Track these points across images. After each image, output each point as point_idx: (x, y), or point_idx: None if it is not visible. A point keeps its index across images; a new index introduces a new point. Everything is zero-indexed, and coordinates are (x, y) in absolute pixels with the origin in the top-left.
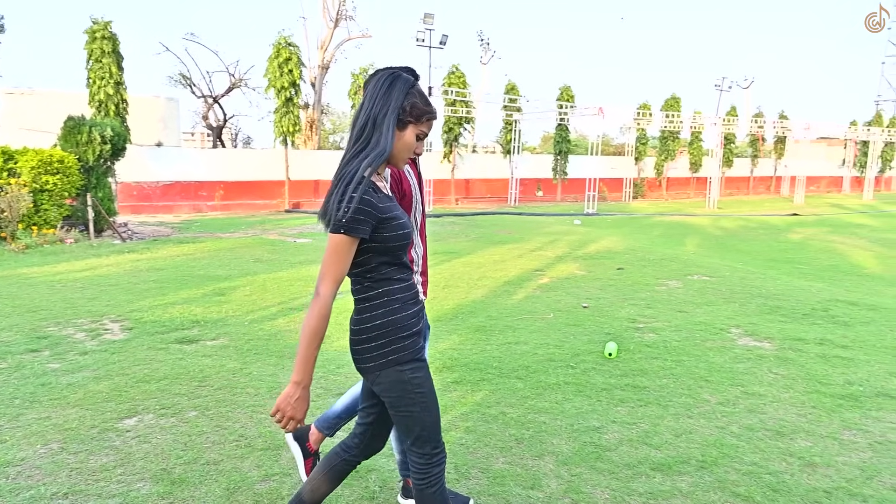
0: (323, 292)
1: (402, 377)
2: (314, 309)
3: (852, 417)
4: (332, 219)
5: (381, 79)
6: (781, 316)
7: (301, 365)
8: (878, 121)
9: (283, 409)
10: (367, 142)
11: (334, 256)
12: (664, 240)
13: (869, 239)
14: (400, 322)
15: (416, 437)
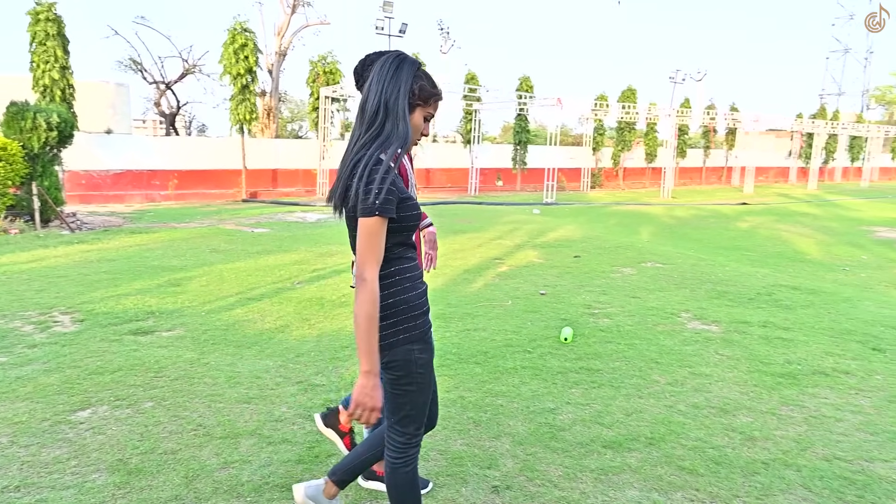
0: (369, 277)
1: (411, 356)
2: (365, 295)
3: (790, 394)
4: (363, 203)
5: (387, 62)
6: (729, 300)
7: (367, 354)
8: (822, 114)
9: (363, 403)
10: (381, 126)
11: (372, 239)
12: (620, 228)
13: (812, 227)
14: (411, 301)
15: (405, 416)
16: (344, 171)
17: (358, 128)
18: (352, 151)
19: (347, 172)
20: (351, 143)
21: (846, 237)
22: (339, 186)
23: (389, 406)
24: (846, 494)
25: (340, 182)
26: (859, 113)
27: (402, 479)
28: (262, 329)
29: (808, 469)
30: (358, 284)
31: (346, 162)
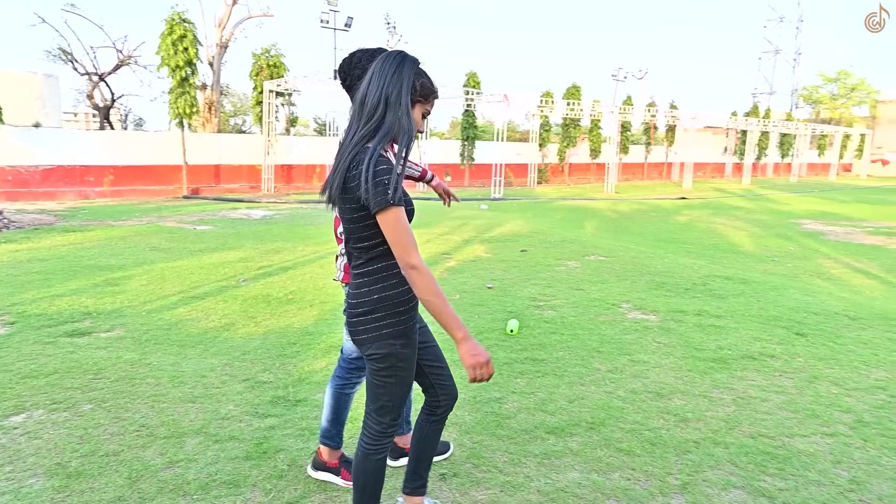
0: (419, 263)
1: (393, 350)
2: (426, 278)
3: (721, 378)
4: (381, 198)
5: (389, 59)
6: (666, 291)
7: (454, 323)
8: (755, 112)
9: (477, 363)
10: (380, 120)
11: (403, 227)
12: (565, 223)
13: (745, 220)
14: (397, 297)
15: (382, 406)
16: (342, 162)
17: (356, 121)
18: (350, 143)
19: (346, 164)
20: (348, 136)
21: (776, 230)
22: (336, 177)
23: (369, 395)
24: (768, 468)
25: (338, 173)
26: (789, 111)
27: (372, 467)
28: (206, 328)
29: (735, 446)
30: (409, 273)
31: (345, 153)
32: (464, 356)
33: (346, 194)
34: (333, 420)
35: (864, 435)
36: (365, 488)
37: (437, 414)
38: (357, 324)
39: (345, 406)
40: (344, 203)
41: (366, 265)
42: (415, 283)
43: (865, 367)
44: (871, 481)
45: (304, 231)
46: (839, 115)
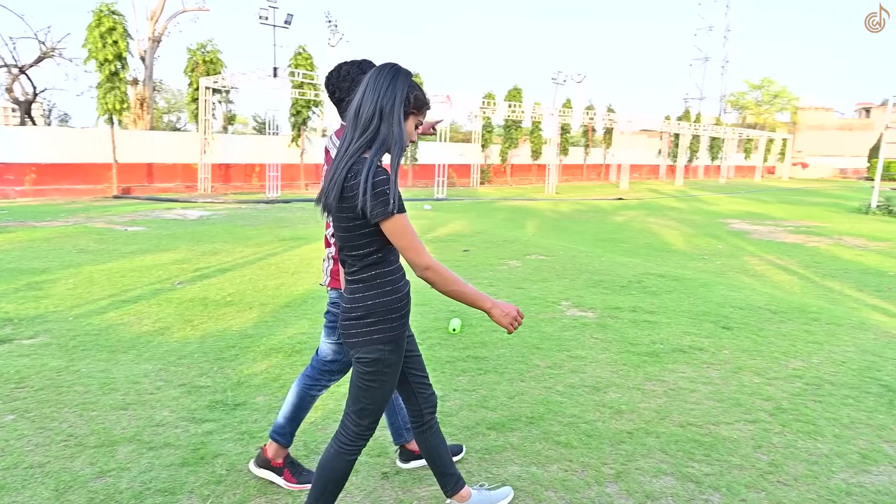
0: (432, 263)
1: (381, 356)
2: (442, 276)
3: (653, 371)
4: (382, 208)
5: (383, 71)
6: (604, 288)
7: (479, 298)
8: (687, 116)
9: (510, 322)
10: (375, 131)
11: (410, 233)
12: (507, 223)
13: (678, 220)
14: (389, 304)
15: (362, 409)
16: (338, 172)
17: (351, 132)
18: (346, 154)
19: (343, 174)
20: (343, 147)
21: (706, 229)
22: (334, 187)
23: (351, 396)
24: (696, 455)
25: (335, 183)
26: (718, 116)
27: (342, 466)
28: (139, 332)
29: (665, 435)
30: (426, 274)
31: (341, 164)
32: (499, 319)
33: (343, 203)
34: (291, 418)
35: (782, 421)
36: (328, 485)
37: (425, 421)
38: (350, 327)
39: (306, 407)
40: (341, 212)
41: (360, 272)
42: (435, 282)
43: (784, 357)
44: (788, 463)
45: (243, 232)
46: (763, 121)
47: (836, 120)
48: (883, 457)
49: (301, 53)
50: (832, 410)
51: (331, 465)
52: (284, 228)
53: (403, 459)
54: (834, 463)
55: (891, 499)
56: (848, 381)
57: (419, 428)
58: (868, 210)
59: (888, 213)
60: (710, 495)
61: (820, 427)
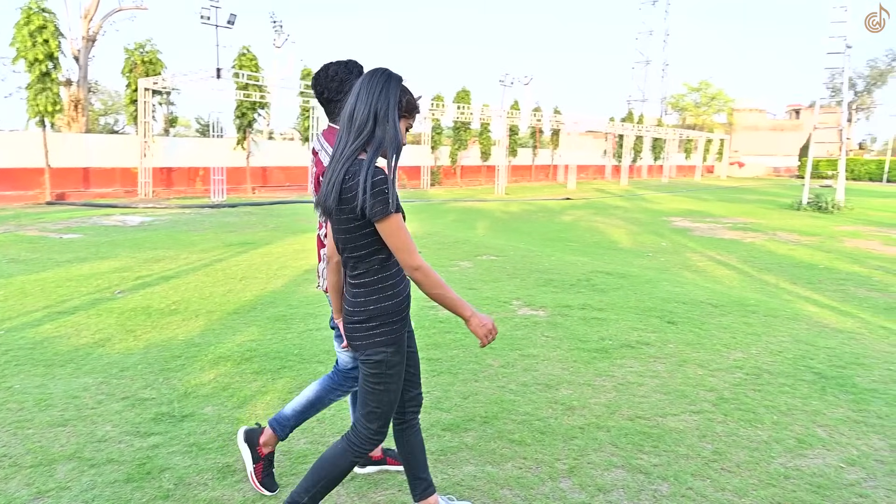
0: (422, 264)
1: (384, 358)
2: (429, 278)
3: (603, 366)
4: (380, 207)
5: (375, 76)
6: (554, 287)
7: (461, 304)
8: (630, 118)
9: (485, 333)
10: (370, 134)
11: (402, 233)
12: (458, 224)
13: (623, 219)
14: (390, 308)
15: (370, 412)
16: (336, 175)
17: (346, 136)
18: (342, 156)
19: (341, 176)
20: (339, 150)
21: (650, 227)
22: (332, 189)
23: (360, 399)
24: (645, 447)
25: (333, 185)
26: (659, 117)
27: (345, 465)
28: (77, 345)
29: (615, 429)
30: (414, 275)
31: (337, 166)
32: (475, 329)
33: (342, 205)
34: (299, 413)
35: (724, 410)
36: (320, 481)
37: (406, 420)
38: (353, 330)
39: (319, 408)
40: (341, 213)
41: (363, 276)
42: (421, 283)
43: (726, 349)
44: (731, 451)
45: (188, 238)
46: (702, 122)
47: (769, 121)
48: (817, 441)
49: (245, 54)
50: (770, 398)
51: (333, 461)
52: (231, 233)
53: (360, 464)
54: (773, 449)
55: (825, 480)
56: (784, 370)
57: (400, 426)
58: (799, 206)
59: (818, 209)
60: (658, 485)
61: (759, 415)
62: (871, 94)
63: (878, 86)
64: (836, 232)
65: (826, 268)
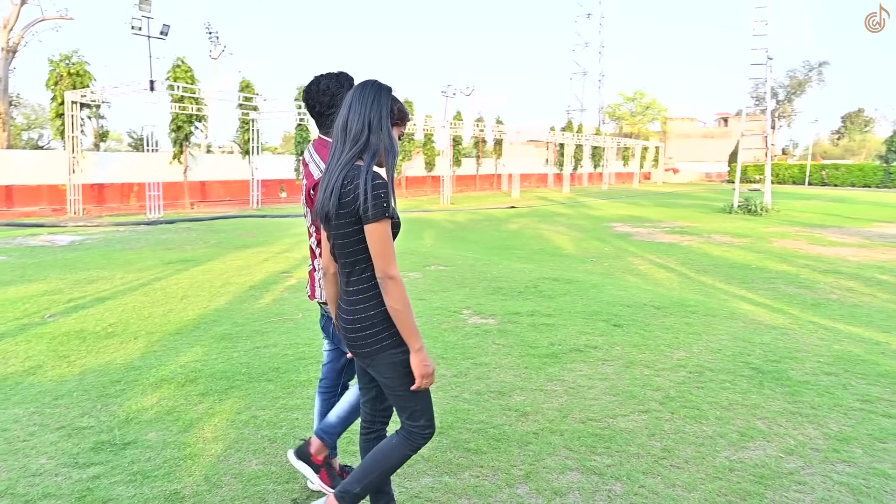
0: (395, 274)
1: (395, 359)
2: (399, 289)
3: (554, 371)
4: (374, 210)
5: (367, 88)
6: (502, 295)
7: (416, 334)
8: (570, 127)
9: (426, 373)
10: (365, 143)
11: (387, 240)
12: (404, 235)
13: (567, 225)
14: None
15: (412, 412)
16: (333, 182)
17: (341, 146)
18: (338, 165)
19: (339, 182)
20: (335, 159)
21: (593, 233)
22: (331, 196)
23: (396, 405)
24: (597, 448)
25: (332, 192)
26: (598, 126)
27: (399, 457)
28: (4, 374)
29: (568, 432)
30: (386, 284)
31: (333, 174)
32: (417, 365)
33: (342, 209)
34: (344, 419)
35: (671, 408)
36: (377, 471)
37: (375, 430)
38: (357, 339)
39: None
40: (339, 219)
41: (360, 282)
42: (389, 293)
43: (669, 349)
44: (679, 447)
45: (123, 256)
46: (638, 130)
47: (700, 129)
48: (758, 433)
49: (180, 66)
50: (713, 395)
51: (388, 454)
52: (170, 251)
53: (298, 455)
54: (718, 443)
55: (767, 470)
56: (724, 367)
57: (367, 435)
58: (731, 210)
59: (748, 211)
60: (612, 485)
61: (704, 411)
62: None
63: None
64: (765, 233)
65: (757, 267)
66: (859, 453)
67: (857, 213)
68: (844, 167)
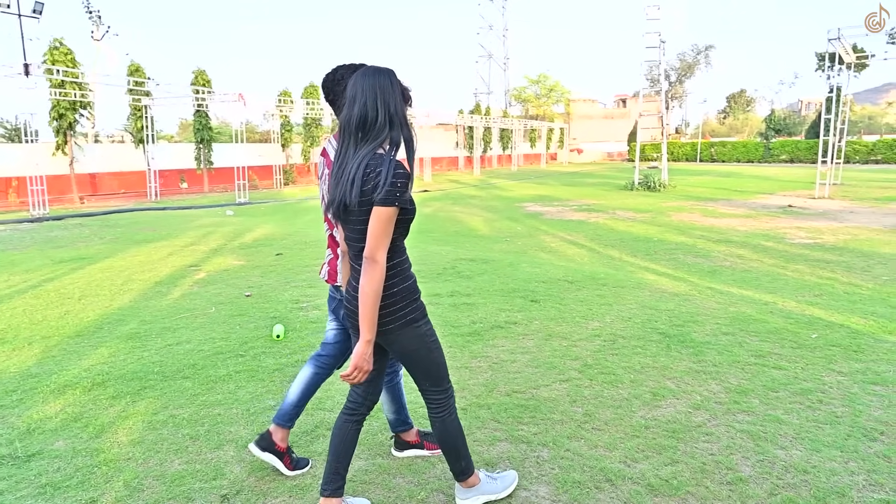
0: (380, 259)
1: (419, 332)
2: (375, 274)
3: (477, 348)
4: (386, 194)
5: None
6: (422, 277)
7: (370, 325)
8: (478, 110)
9: (361, 367)
10: (383, 131)
11: (387, 226)
12: (318, 223)
13: (480, 207)
14: (411, 287)
15: (436, 378)
16: (353, 172)
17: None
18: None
19: (360, 172)
20: (352, 149)
21: (505, 213)
22: (353, 186)
23: (419, 374)
24: (523, 418)
25: (353, 182)
26: (505, 109)
27: (453, 426)
28: None
29: (495, 406)
30: (369, 265)
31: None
32: (358, 356)
33: (364, 197)
34: (298, 400)
35: (589, 375)
36: (458, 448)
37: (359, 413)
38: (381, 316)
39: (314, 389)
40: (361, 206)
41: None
42: (368, 276)
43: (584, 320)
44: (599, 411)
45: (7, 257)
46: (543, 112)
47: (601, 110)
48: (668, 392)
49: (59, 48)
50: (626, 360)
51: (446, 432)
52: (60, 249)
53: (399, 448)
54: (633, 404)
55: (678, 425)
56: (635, 334)
57: (350, 415)
58: (632, 187)
59: (647, 188)
60: (539, 451)
61: (619, 375)
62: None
63: (687, 76)
64: (664, 208)
65: (659, 240)
66: (756, 403)
67: (742, 187)
68: (731, 144)
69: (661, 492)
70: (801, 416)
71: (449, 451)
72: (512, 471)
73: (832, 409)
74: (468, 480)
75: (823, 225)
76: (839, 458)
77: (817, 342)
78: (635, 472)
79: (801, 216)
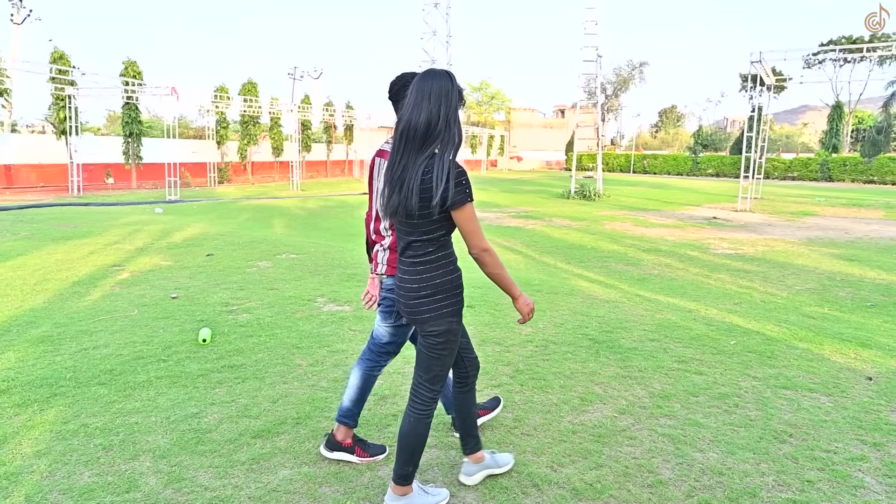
0: (489, 246)
1: (451, 327)
2: (495, 258)
3: (410, 354)
4: (460, 195)
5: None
6: (357, 281)
7: (512, 284)
8: None
9: (529, 310)
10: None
11: (475, 220)
12: (253, 223)
13: None
14: (455, 281)
15: (435, 375)
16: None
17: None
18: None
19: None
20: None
21: None
22: (413, 189)
23: (421, 367)
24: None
25: (412, 187)
26: None
27: (423, 430)
28: None
29: None
30: (484, 255)
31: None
32: (522, 307)
33: (423, 202)
34: (357, 400)
35: (520, 381)
36: (414, 450)
37: (468, 383)
38: (418, 305)
39: (370, 387)
40: (422, 210)
41: (428, 255)
42: (486, 263)
43: (518, 326)
44: (528, 416)
45: None
46: (484, 119)
47: (541, 119)
48: (596, 397)
49: None
50: (557, 366)
51: (414, 433)
52: None
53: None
54: (562, 409)
55: (604, 430)
56: (566, 339)
57: (462, 387)
58: (569, 195)
59: (583, 197)
60: None
61: (549, 381)
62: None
63: (623, 90)
64: (598, 216)
65: (592, 248)
66: (678, 407)
67: (672, 198)
68: (662, 157)
69: (586, 496)
70: (718, 419)
71: (405, 452)
72: (444, 488)
73: (747, 412)
74: (402, 488)
75: (744, 237)
76: (752, 459)
77: (735, 348)
78: (561, 477)
79: (724, 228)
